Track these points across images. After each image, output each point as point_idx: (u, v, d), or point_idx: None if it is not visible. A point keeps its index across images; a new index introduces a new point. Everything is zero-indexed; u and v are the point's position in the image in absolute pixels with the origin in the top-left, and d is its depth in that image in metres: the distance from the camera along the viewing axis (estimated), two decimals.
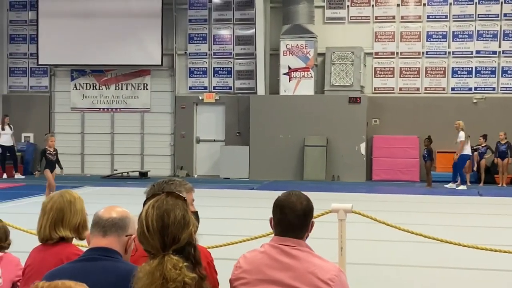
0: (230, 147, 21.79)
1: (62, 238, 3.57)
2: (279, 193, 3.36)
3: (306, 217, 3.28)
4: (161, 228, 2.60)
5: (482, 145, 20.09)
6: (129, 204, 2.89)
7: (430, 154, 19.04)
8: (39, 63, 22.85)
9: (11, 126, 21.06)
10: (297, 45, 20.95)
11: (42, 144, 22.98)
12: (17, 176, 20.93)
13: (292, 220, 3.24)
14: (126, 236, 2.89)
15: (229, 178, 21.04)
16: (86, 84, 23.11)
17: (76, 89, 23.13)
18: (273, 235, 3.35)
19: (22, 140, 22.75)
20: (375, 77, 21.71)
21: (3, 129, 20.89)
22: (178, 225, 2.61)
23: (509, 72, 21.12)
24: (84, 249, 3.70)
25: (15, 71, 23.50)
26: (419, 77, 21.49)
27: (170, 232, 2.60)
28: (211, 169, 22.23)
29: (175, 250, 2.59)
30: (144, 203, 2.75)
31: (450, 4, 21.34)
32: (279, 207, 3.28)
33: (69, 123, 23.11)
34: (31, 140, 22.98)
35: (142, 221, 2.64)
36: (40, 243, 3.66)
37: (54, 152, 14.76)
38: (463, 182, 18.63)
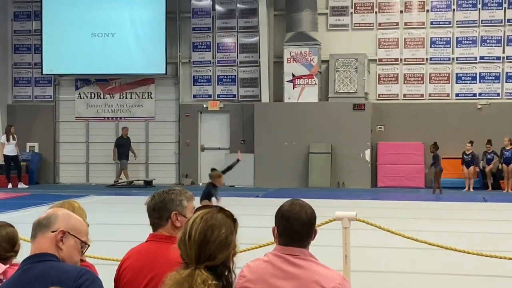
0: (235, 155, 21.71)
1: None
2: (284, 201, 3.35)
3: (311, 226, 3.27)
4: (201, 242, 2.58)
5: (489, 151, 20.04)
6: (134, 212, 2.87)
7: (437, 160, 18.95)
8: (44, 72, 22.91)
9: (15, 136, 21.10)
10: (301, 52, 20.97)
11: (47, 154, 23.09)
12: (21, 185, 20.95)
13: (297, 230, 3.22)
14: (52, 232, 2.80)
15: (234, 186, 21.01)
16: (91, 93, 23.16)
17: (81, 98, 23.18)
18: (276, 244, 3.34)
19: (27, 150, 22.79)
20: (379, 83, 21.70)
21: (7, 139, 20.92)
22: (219, 244, 2.59)
23: None
24: (88, 259, 3.72)
25: (20, 81, 23.57)
26: (423, 83, 21.47)
27: (208, 248, 2.57)
28: None
29: (209, 267, 2.57)
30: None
31: (454, 10, 21.34)
32: (284, 217, 3.26)
33: (73, 132, 23.15)
34: (36, 150, 23.02)
35: (187, 228, 2.63)
36: None
37: None
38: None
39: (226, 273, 2.62)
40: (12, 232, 4.25)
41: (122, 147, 21.80)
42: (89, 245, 2.97)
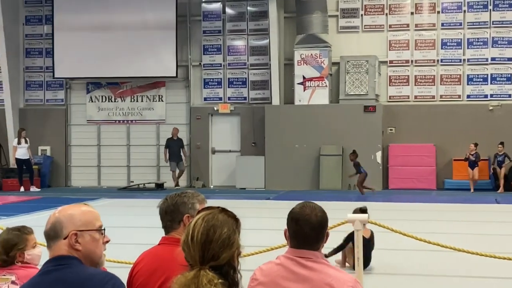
0: (246, 157, 21.80)
1: None
2: (295, 203, 3.35)
3: (322, 229, 3.27)
4: (203, 242, 2.58)
5: (501, 153, 19.94)
6: (146, 215, 2.84)
7: (359, 167, 18.82)
8: (55, 76, 23.02)
9: (27, 139, 21.19)
10: (311, 54, 20.96)
11: (58, 157, 23.19)
12: (33, 189, 21.03)
13: (307, 233, 3.22)
14: (64, 238, 2.76)
15: (245, 188, 21.03)
16: (102, 96, 23.24)
17: (92, 101, 23.27)
18: (288, 247, 3.34)
19: (39, 153, 22.89)
20: (390, 85, 21.65)
21: (19, 142, 21.02)
22: (221, 244, 2.59)
23: None
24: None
25: (31, 84, 23.68)
26: (434, 85, 21.41)
27: (211, 247, 2.57)
28: (227, 179, 22.23)
29: (214, 267, 2.57)
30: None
31: (465, 11, 21.26)
32: (294, 219, 3.27)
33: (85, 135, 23.23)
34: (48, 153, 23.12)
35: (189, 229, 2.63)
36: None
37: None
38: None
39: (232, 273, 2.62)
40: (12, 239, 4.24)
41: (171, 148, 21.69)
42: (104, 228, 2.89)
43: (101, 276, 2.70)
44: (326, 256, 7.52)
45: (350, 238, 7.57)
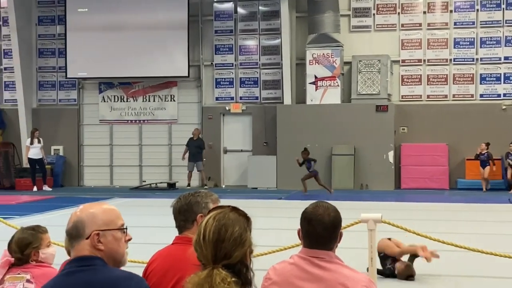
0: (258, 157, 21.79)
1: None
2: (307, 203, 3.33)
3: (335, 229, 3.26)
4: (215, 241, 2.59)
5: None
6: (158, 215, 2.82)
7: (311, 164, 19.04)
8: (68, 76, 23.11)
9: (41, 139, 21.28)
10: (323, 54, 20.93)
11: (71, 157, 23.29)
12: (45, 188, 21.13)
13: (320, 233, 3.21)
14: (87, 238, 2.73)
15: (256, 188, 21.02)
16: (114, 96, 23.31)
17: (104, 101, 23.34)
18: (301, 246, 3.34)
19: (52, 153, 22.99)
20: (402, 84, 21.58)
21: (31, 142, 21.12)
22: (233, 242, 2.59)
23: None
24: None
25: (44, 84, 23.79)
26: (447, 84, 21.32)
27: (224, 246, 2.58)
28: (239, 179, 22.24)
29: (226, 265, 2.57)
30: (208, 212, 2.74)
31: (477, 10, 21.16)
32: (306, 219, 3.26)
33: (97, 135, 23.32)
34: (61, 153, 23.21)
35: (200, 229, 2.64)
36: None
37: None
38: None
39: (245, 271, 2.62)
40: (26, 238, 4.25)
41: (190, 148, 21.48)
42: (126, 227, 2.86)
43: (127, 279, 2.68)
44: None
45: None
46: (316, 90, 21.01)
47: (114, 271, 2.73)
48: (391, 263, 7.66)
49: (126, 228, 2.88)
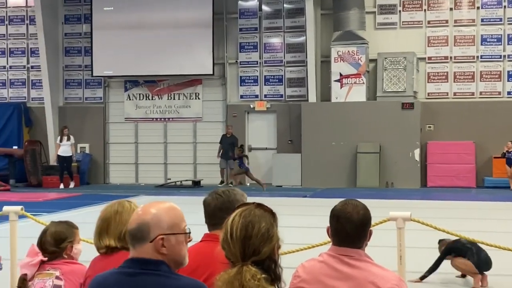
0: (282, 155, 21.77)
1: (116, 247, 3.58)
2: (332, 201, 3.31)
3: (364, 227, 3.23)
4: (243, 238, 2.59)
5: None
6: (184, 212, 2.79)
7: (242, 161, 20.19)
8: (94, 74, 23.28)
9: (71, 136, 21.47)
10: (348, 51, 20.83)
11: (97, 154, 23.46)
12: (72, 186, 21.33)
13: (349, 231, 3.19)
14: (151, 241, 2.67)
15: (281, 186, 21.01)
16: (139, 94, 23.44)
17: (130, 99, 23.47)
18: (330, 244, 3.31)
19: (78, 151, 23.17)
20: (428, 82, 21.41)
21: (61, 140, 21.33)
22: (261, 238, 2.59)
23: None
24: None
25: (71, 83, 23.99)
26: (473, 81, 21.11)
27: (252, 243, 2.58)
28: (264, 177, 22.17)
29: (255, 262, 2.57)
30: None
31: (505, 7, 20.92)
32: (335, 217, 3.24)
33: (123, 133, 23.45)
34: (87, 151, 23.39)
35: (227, 227, 2.64)
36: (99, 254, 3.68)
37: None
38: None
39: (273, 267, 2.62)
40: (62, 232, 4.24)
41: (222, 145, 21.40)
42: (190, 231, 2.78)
43: (195, 286, 2.68)
44: (421, 278, 7.51)
45: (442, 257, 7.68)
46: (341, 87, 20.93)
47: (182, 279, 2.70)
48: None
49: (190, 232, 2.80)
